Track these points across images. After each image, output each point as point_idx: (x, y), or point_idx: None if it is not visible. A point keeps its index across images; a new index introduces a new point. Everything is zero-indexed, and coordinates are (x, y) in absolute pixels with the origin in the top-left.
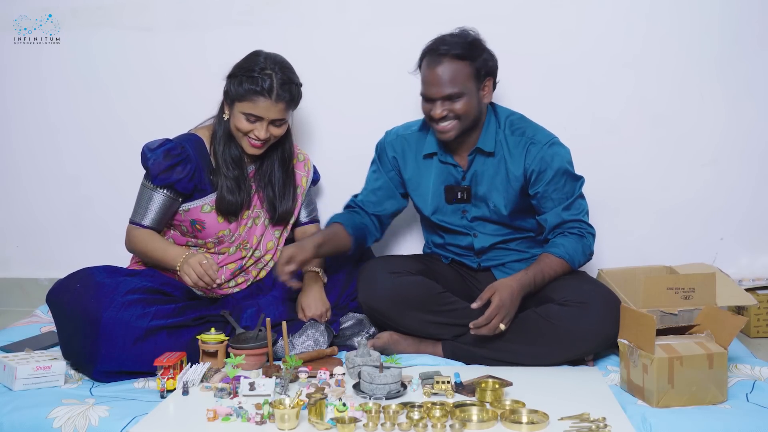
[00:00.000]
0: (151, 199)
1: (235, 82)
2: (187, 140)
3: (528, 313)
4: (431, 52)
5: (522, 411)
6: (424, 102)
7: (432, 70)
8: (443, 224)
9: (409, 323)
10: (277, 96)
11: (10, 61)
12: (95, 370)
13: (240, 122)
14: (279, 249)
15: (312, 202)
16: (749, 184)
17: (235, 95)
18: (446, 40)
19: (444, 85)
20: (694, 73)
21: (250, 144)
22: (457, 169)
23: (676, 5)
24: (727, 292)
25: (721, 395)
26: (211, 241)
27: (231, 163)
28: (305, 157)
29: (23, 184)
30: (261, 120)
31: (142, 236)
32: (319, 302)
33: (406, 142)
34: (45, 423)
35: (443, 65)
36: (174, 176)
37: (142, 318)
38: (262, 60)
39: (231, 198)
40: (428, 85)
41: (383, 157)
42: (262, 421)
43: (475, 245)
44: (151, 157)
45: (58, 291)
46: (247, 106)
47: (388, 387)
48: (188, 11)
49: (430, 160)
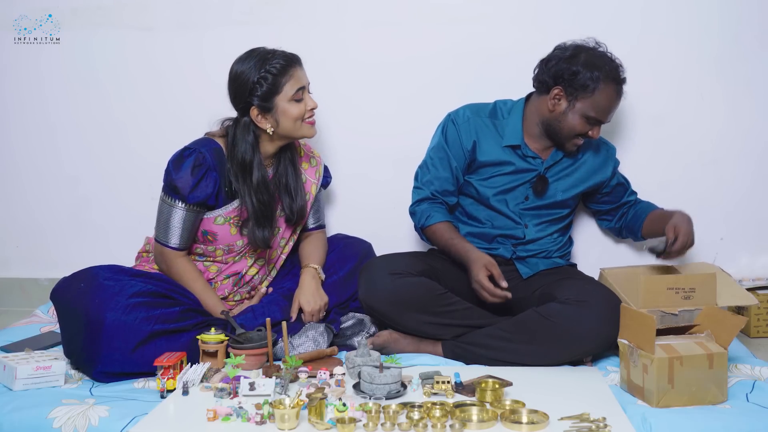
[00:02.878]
0: (176, 217)
1: (260, 85)
2: (206, 147)
3: (529, 313)
4: (618, 80)
5: (522, 411)
6: (586, 122)
7: (614, 99)
8: (498, 209)
9: (408, 324)
10: (296, 60)
11: (10, 61)
12: (95, 370)
13: (291, 110)
14: (283, 256)
15: (320, 209)
16: (749, 184)
17: (274, 90)
18: (621, 68)
19: (613, 113)
20: (694, 73)
21: (309, 123)
22: (536, 161)
23: (676, 5)
24: (727, 292)
25: (721, 395)
26: (221, 248)
27: (262, 187)
28: (318, 162)
29: (23, 184)
30: (304, 89)
31: (181, 271)
32: (317, 297)
33: (483, 126)
34: (45, 423)
35: (621, 96)
36: (204, 192)
37: (146, 322)
38: (254, 56)
39: (263, 234)
40: (605, 112)
41: (454, 143)
42: (262, 421)
43: (527, 235)
44: (179, 177)
45: (62, 289)
46: (291, 87)
47: (388, 387)
48: (188, 11)
49: (510, 150)
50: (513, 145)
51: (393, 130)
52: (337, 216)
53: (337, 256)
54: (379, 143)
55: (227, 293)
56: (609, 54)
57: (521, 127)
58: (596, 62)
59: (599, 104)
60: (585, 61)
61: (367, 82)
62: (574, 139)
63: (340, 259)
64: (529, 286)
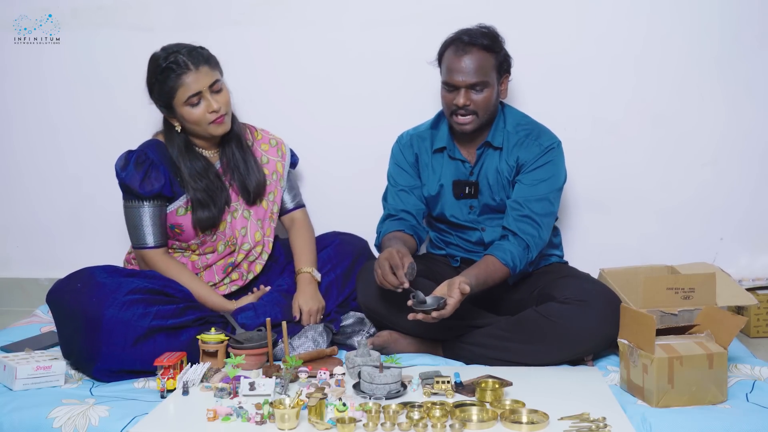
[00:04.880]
0: (143, 216)
1: (157, 90)
2: (147, 145)
3: (529, 312)
4: (457, 41)
5: (522, 411)
6: (447, 91)
7: (459, 58)
8: (452, 219)
9: (406, 325)
10: (193, 63)
11: (10, 61)
12: (95, 368)
13: (190, 114)
14: (268, 240)
15: (294, 187)
16: (749, 184)
17: (168, 96)
18: (472, 31)
19: (471, 73)
20: (694, 73)
21: (214, 123)
22: (465, 165)
23: (677, 5)
24: (727, 291)
25: (721, 395)
26: (194, 242)
27: (197, 175)
28: (278, 142)
29: (24, 184)
30: (200, 94)
31: (164, 267)
32: (315, 300)
33: (420, 139)
34: (45, 423)
35: (471, 54)
36: (155, 184)
37: (144, 317)
38: (159, 55)
39: (205, 214)
40: (454, 72)
41: (401, 160)
42: (262, 421)
43: (485, 239)
44: (126, 174)
45: (59, 291)
46: (182, 94)
47: (388, 387)
48: (188, 11)
49: (440, 155)
50: (440, 149)
51: (391, 129)
52: (333, 215)
53: (333, 253)
54: (377, 143)
55: (218, 280)
56: (473, 26)
57: (448, 132)
58: (449, 36)
59: (447, 69)
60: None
61: (366, 81)
62: (452, 117)
63: (336, 257)
64: (527, 287)
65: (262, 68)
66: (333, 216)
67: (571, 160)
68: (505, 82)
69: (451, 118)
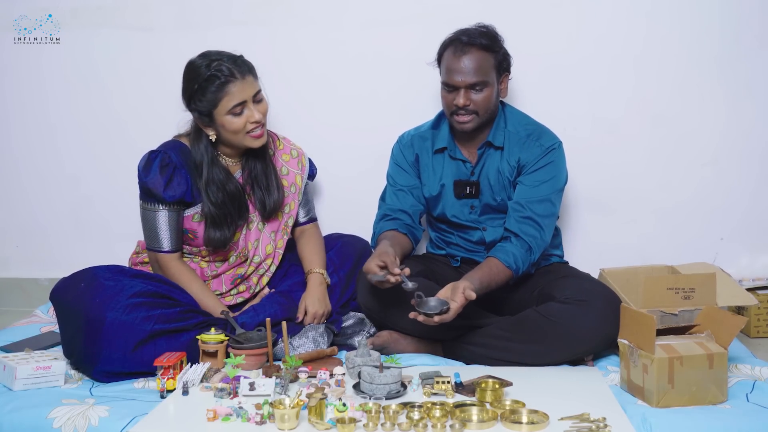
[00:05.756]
0: (161, 220)
1: (198, 97)
2: (171, 147)
3: (529, 312)
4: (456, 42)
5: (522, 411)
6: (447, 92)
7: (458, 58)
8: (453, 219)
9: (406, 325)
10: (240, 72)
11: (10, 61)
12: (95, 370)
13: (231, 123)
14: (279, 252)
15: (309, 201)
16: (749, 184)
17: (210, 104)
18: (470, 31)
19: (470, 73)
20: (695, 73)
21: (253, 137)
22: (466, 165)
23: (677, 5)
24: (727, 291)
25: (721, 395)
26: (205, 249)
27: (214, 187)
28: (299, 153)
29: (23, 184)
30: (245, 104)
31: (177, 273)
32: (322, 303)
33: (421, 140)
34: (45, 423)
35: (470, 54)
36: (178, 189)
37: (146, 321)
38: (199, 62)
39: (217, 234)
40: (453, 72)
41: (401, 160)
42: (262, 421)
43: (486, 238)
44: (149, 178)
45: (62, 290)
46: (226, 103)
47: (388, 387)
48: (188, 11)
49: (441, 155)
50: (440, 149)
51: (392, 129)
52: (333, 216)
53: (336, 255)
54: (378, 143)
55: (225, 290)
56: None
57: (449, 132)
58: (448, 36)
59: (446, 69)
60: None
61: (366, 81)
62: (453, 116)
63: (338, 259)
64: (528, 287)
65: (263, 68)
66: (333, 216)
67: (571, 160)
68: (505, 81)
69: (452, 118)
